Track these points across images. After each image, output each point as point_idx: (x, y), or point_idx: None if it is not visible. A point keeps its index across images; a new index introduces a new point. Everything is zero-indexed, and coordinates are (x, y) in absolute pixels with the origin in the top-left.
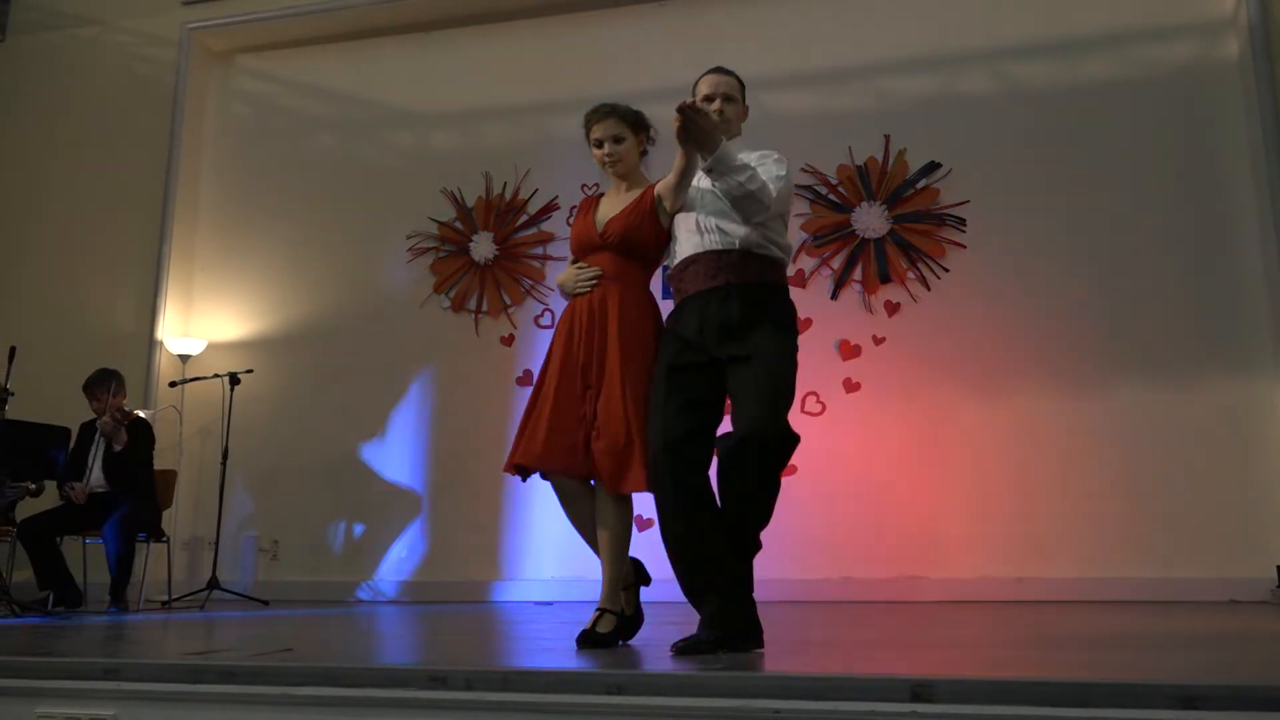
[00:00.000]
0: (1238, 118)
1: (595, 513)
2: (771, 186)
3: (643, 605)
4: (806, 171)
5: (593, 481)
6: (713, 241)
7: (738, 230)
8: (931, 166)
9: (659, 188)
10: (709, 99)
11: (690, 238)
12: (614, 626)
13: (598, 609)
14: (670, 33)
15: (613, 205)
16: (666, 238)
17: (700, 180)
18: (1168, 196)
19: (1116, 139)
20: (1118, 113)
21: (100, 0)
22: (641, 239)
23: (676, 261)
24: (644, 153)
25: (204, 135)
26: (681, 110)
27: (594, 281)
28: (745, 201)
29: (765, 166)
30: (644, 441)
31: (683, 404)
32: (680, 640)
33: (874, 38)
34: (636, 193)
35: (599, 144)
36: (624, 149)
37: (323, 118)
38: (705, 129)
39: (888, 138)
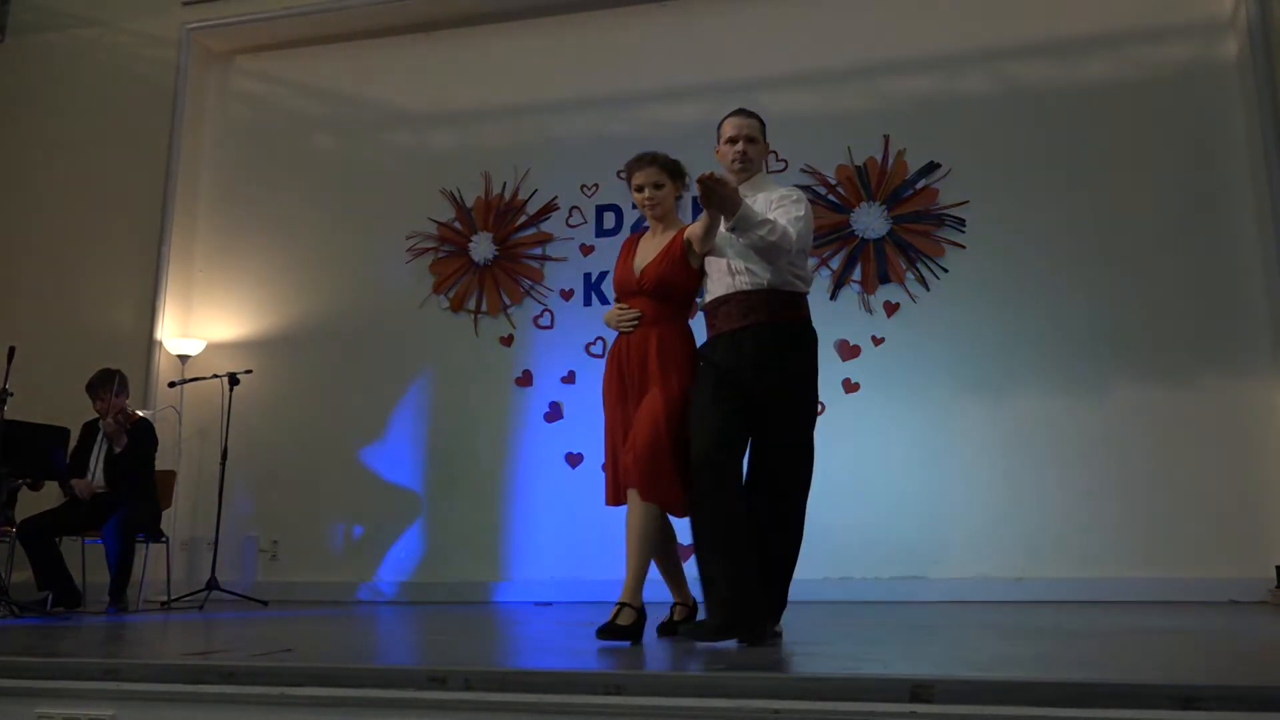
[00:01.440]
0: (1237, 118)
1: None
2: (791, 230)
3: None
4: (805, 172)
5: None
6: (743, 283)
7: (764, 271)
8: (931, 167)
9: (689, 233)
10: (733, 140)
11: (722, 279)
12: (633, 620)
13: (618, 603)
14: (671, 33)
15: (650, 249)
16: (700, 275)
17: None
18: (1166, 197)
19: (1116, 139)
20: (1117, 113)
21: (100, 1)
22: (675, 283)
23: (710, 299)
24: (679, 196)
25: (203, 135)
26: (702, 182)
27: (635, 323)
28: (768, 251)
29: (785, 208)
30: (677, 453)
31: (727, 413)
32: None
33: (873, 38)
34: (670, 235)
35: (640, 189)
36: (663, 194)
37: (322, 118)
38: (725, 196)
39: (887, 138)
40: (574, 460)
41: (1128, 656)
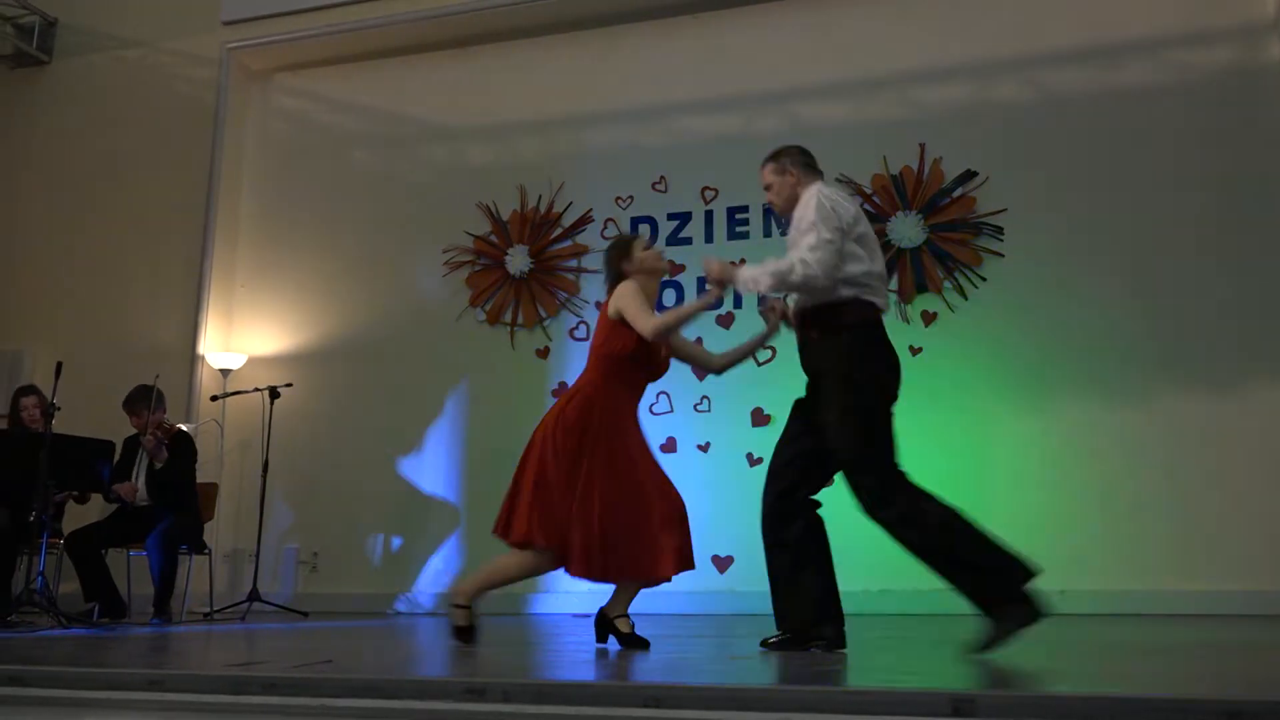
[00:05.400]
0: (1279, 121)
1: None
2: (809, 257)
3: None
4: (841, 181)
5: None
6: None
7: None
8: (968, 175)
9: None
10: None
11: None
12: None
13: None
14: (703, 45)
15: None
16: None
17: None
18: (1208, 203)
19: (1156, 144)
20: (1156, 118)
21: (143, 23)
22: None
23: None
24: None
25: (244, 153)
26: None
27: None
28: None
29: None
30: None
31: None
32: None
33: (907, 46)
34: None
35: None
36: None
37: (359, 134)
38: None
39: (923, 146)
40: None
41: (1173, 671)
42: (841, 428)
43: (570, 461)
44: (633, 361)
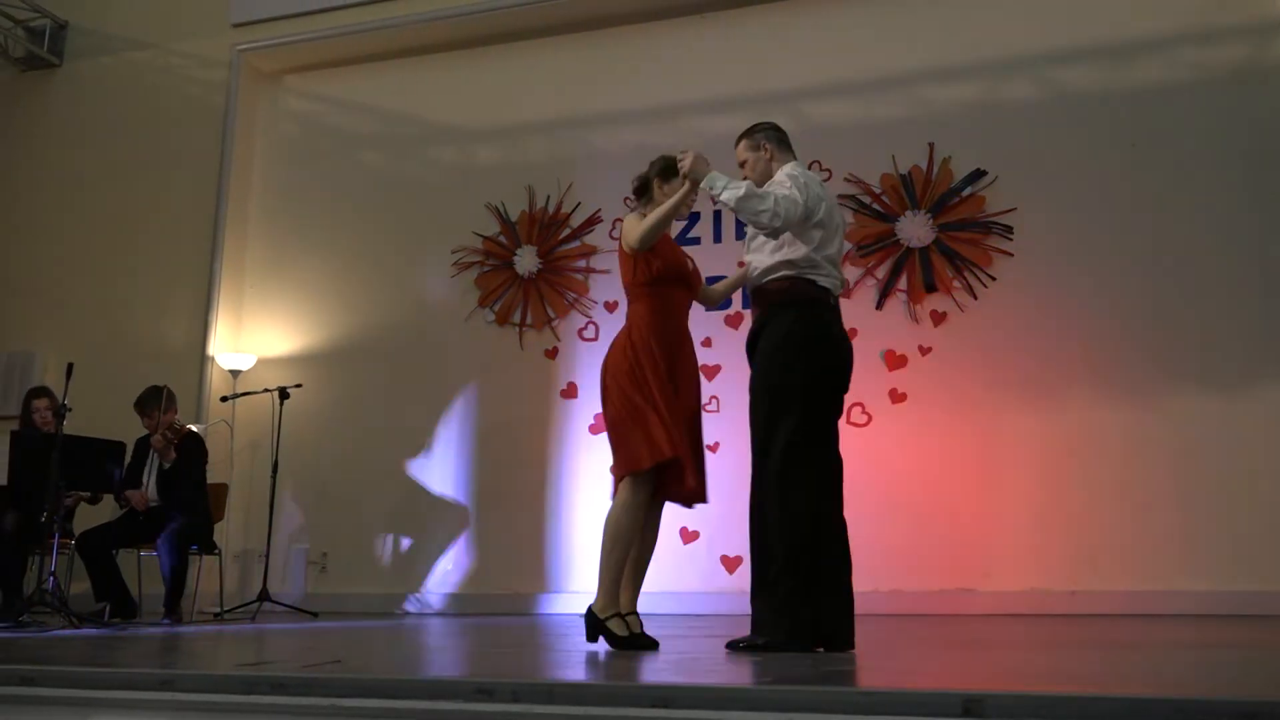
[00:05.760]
0: None
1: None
2: (784, 200)
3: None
4: (849, 181)
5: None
6: None
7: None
8: (977, 174)
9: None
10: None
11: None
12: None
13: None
14: (713, 44)
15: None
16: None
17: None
18: (1220, 201)
19: (1167, 143)
20: (1167, 116)
21: (153, 25)
22: None
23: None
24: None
25: (253, 154)
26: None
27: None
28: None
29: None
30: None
31: None
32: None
33: (917, 45)
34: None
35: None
36: None
37: (368, 135)
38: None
39: (932, 145)
40: None
41: (1186, 672)
42: (756, 404)
43: (655, 382)
44: (664, 283)
